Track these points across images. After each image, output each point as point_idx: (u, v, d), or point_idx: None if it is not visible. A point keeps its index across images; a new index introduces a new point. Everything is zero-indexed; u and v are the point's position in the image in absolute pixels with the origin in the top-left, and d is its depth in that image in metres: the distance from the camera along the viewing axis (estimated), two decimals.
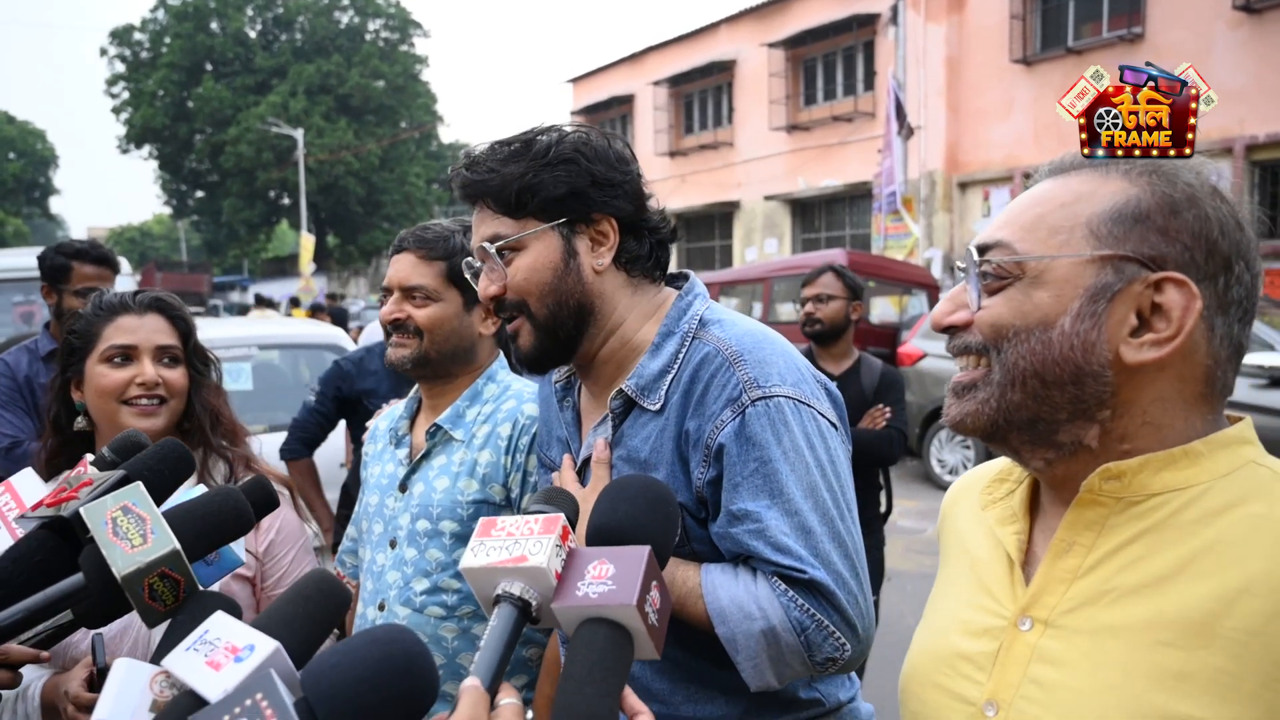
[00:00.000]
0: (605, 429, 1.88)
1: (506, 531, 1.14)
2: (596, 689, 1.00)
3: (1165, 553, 1.12)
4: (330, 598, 1.10)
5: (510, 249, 1.82)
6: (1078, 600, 1.16)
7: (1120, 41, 18.58)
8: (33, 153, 69.89)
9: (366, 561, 2.46)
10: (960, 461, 11.04)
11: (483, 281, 1.87)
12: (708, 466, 1.72)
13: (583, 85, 34.56)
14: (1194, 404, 1.17)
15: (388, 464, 2.50)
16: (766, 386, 1.70)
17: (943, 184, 21.68)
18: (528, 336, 1.85)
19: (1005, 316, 1.19)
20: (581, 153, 1.82)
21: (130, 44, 51.50)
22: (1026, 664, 1.18)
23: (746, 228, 27.80)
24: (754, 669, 1.68)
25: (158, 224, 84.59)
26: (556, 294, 1.82)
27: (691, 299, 1.89)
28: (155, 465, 1.36)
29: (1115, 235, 1.15)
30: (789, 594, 1.65)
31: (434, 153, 55.97)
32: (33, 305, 8.76)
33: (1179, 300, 1.12)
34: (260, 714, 0.84)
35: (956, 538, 1.43)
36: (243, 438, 2.33)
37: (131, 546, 1.13)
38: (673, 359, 1.81)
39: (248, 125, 46.46)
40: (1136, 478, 1.15)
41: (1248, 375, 8.23)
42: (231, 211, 49.76)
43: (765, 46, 25.98)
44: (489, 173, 1.83)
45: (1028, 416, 1.19)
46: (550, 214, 1.81)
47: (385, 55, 51.27)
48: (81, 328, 2.21)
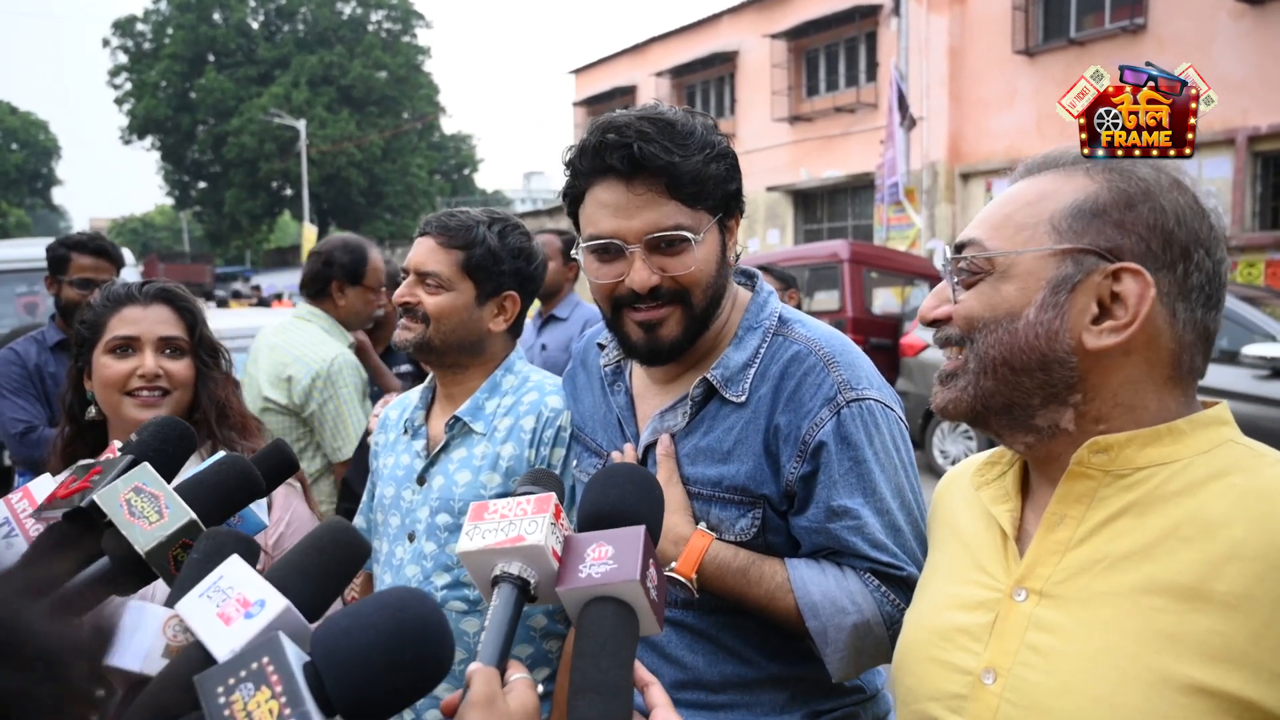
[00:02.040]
0: (676, 416, 1.88)
1: (500, 514, 1.17)
2: (611, 660, 1.04)
3: (1152, 521, 1.18)
4: (346, 549, 1.09)
5: (690, 241, 1.77)
6: (1070, 570, 1.22)
7: (1122, 33, 18.51)
8: (35, 143, 69.79)
9: (384, 555, 2.43)
10: (963, 452, 11.04)
11: (642, 271, 1.77)
12: (801, 462, 1.75)
13: (585, 76, 34.46)
14: (1164, 386, 1.24)
15: (402, 455, 2.46)
16: (860, 389, 1.76)
17: (945, 175, 21.62)
18: (676, 326, 1.82)
19: (977, 309, 1.28)
20: (727, 145, 1.83)
21: (133, 35, 51.43)
22: (1023, 632, 1.23)
23: (749, 218, 27.36)
24: (840, 661, 1.73)
25: (160, 215, 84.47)
26: (715, 287, 1.84)
27: (767, 295, 1.93)
28: (158, 444, 1.39)
29: (1075, 229, 1.23)
30: (882, 589, 1.71)
31: (436, 144, 55.91)
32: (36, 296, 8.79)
33: (1135, 289, 1.19)
34: (266, 679, 0.84)
35: (947, 521, 1.51)
36: (255, 429, 2.30)
37: (149, 523, 1.17)
38: (755, 352, 1.84)
39: (250, 116, 46.41)
40: (1123, 451, 1.22)
41: (1250, 366, 8.22)
42: (234, 202, 49.73)
43: (767, 37, 25.89)
44: (672, 151, 1.73)
45: (1002, 402, 1.28)
46: (718, 207, 1.82)
47: (387, 46, 51.19)
48: (90, 318, 2.21)
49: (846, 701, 1.87)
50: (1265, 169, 16.98)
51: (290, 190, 50.88)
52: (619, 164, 1.73)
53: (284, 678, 0.84)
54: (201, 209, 55.10)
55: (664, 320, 1.81)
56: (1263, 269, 16.17)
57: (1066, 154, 1.31)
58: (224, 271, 48.64)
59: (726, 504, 1.80)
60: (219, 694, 0.84)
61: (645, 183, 1.74)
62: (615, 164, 1.74)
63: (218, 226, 53.30)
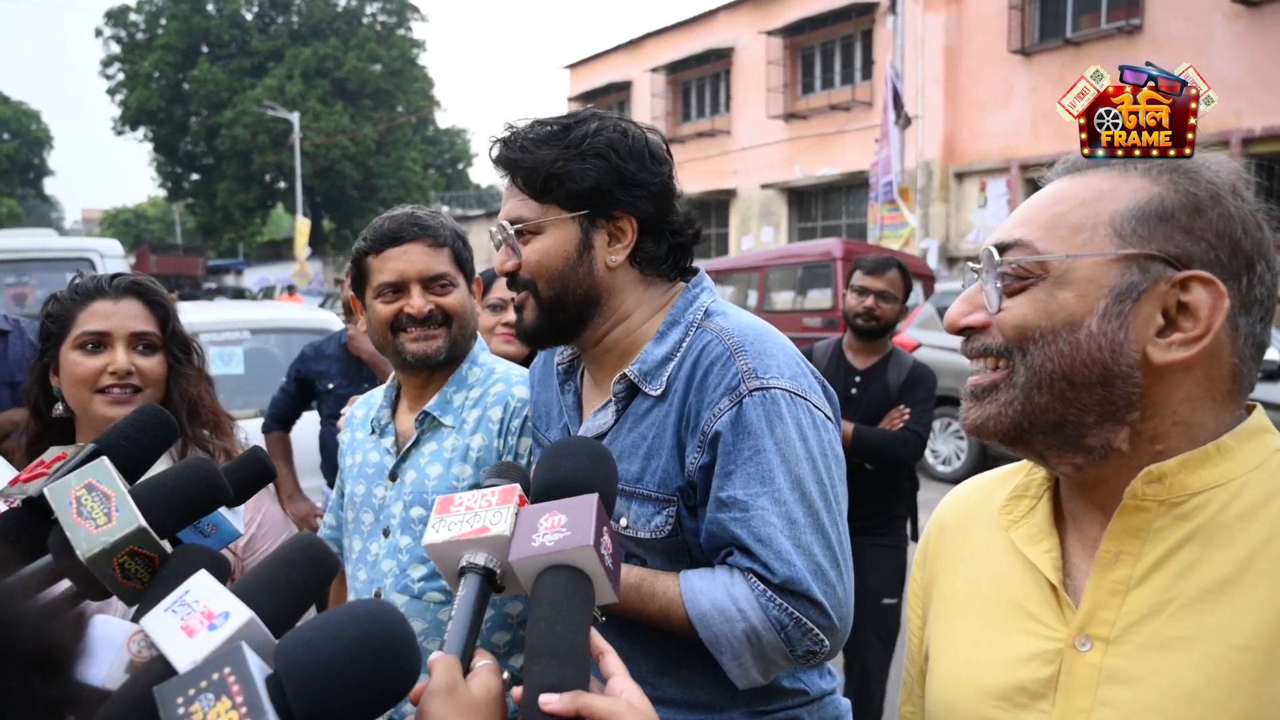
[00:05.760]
0: (607, 414, 1.91)
1: (465, 506, 1.19)
2: (566, 625, 1.04)
3: (1219, 555, 1.09)
4: (316, 564, 1.07)
5: (529, 231, 1.87)
6: (1137, 613, 1.12)
7: (1119, 33, 18.56)
8: (27, 134, 69.56)
9: (357, 551, 2.43)
10: (953, 452, 11.06)
11: (501, 255, 1.92)
12: (701, 452, 1.75)
13: (580, 71, 34.47)
14: (1222, 402, 1.15)
15: (370, 453, 2.46)
16: (764, 378, 1.73)
17: (939, 174, 21.67)
18: (531, 313, 1.90)
19: (1030, 318, 1.16)
20: (615, 149, 1.84)
21: (126, 25, 51.24)
22: (1095, 687, 1.12)
23: (743, 216, 27.78)
24: (739, 668, 1.72)
25: (152, 206, 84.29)
26: (564, 281, 1.86)
27: (699, 290, 1.93)
28: (132, 434, 1.30)
29: (1139, 234, 1.12)
30: (767, 593, 1.68)
31: (430, 137, 55.85)
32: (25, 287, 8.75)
33: (1206, 299, 1.10)
34: (227, 689, 0.83)
35: (968, 562, 1.37)
36: (228, 428, 2.25)
37: (96, 526, 1.08)
38: (676, 346, 1.84)
39: (244, 108, 46.28)
40: (1176, 478, 1.12)
41: None
42: (227, 195, 49.61)
43: (763, 34, 25.92)
44: (522, 151, 1.86)
45: (1054, 420, 1.16)
46: (573, 204, 1.85)
47: (382, 39, 51.08)
48: (58, 312, 2.13)
49: (789, 703, 1.87)
50: (1259, 171, 17.01)
51: (283, 183, 50.78)
52: (493, 161, 1.94)
53: (245, 688, 0.83)
54: (194, 201, 54.99)
55: (523, 305, 1.92)
56: None
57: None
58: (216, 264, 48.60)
59: (644, 500, 1.81)
60: (178, 704, 0.82)
61: (511, 178, 1.91)
62: (492, 161, 1.94)
63: (210, 219, 53.20)
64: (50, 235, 11.01)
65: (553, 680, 0.98)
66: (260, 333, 7.17)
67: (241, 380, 6.58)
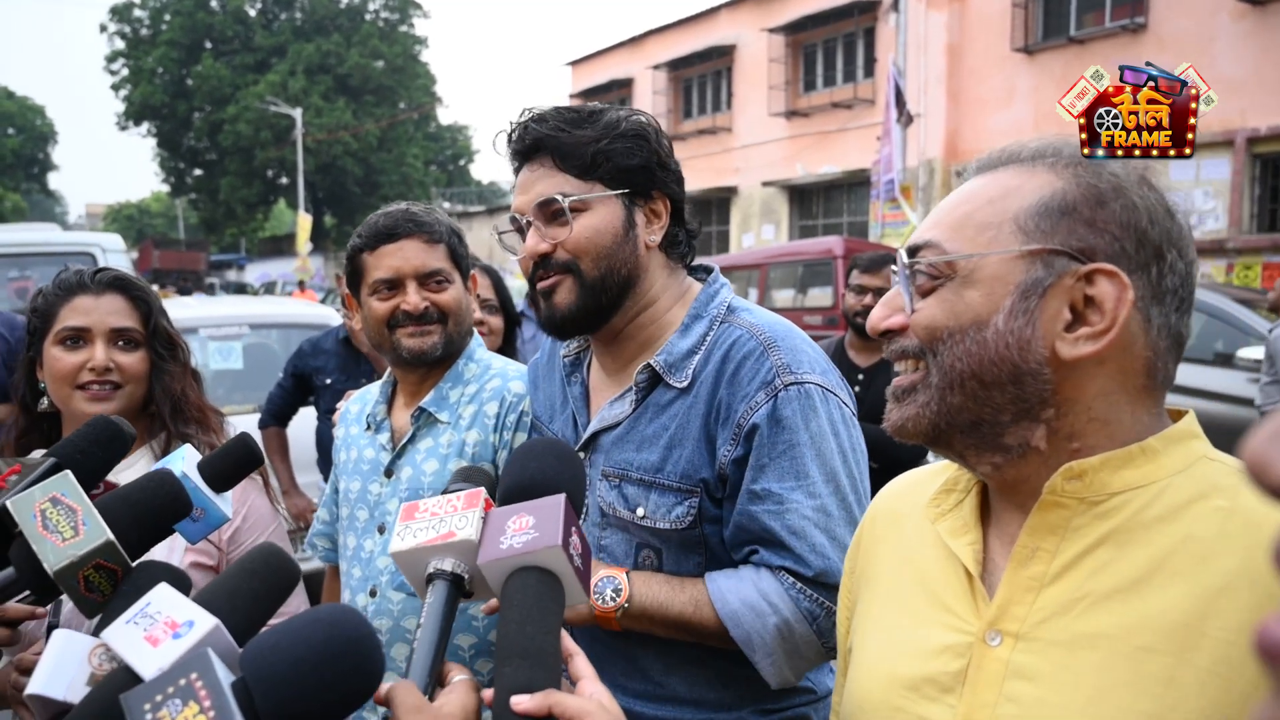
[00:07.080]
0: (624, 403, 1.90)
1: (430, 512, 1.18)
2: (537, 626, 1.03)
3: (1134, 554, 1.08)
4: (278, 573, 1.08)
5: (575, 208, 1.84)
6: (1048, 610, 1.11)
7: (1123, 32, 18.51)
8: (31, 128, 69.61)
9: (352, 548, 2.42)
10: None
11: (533, 238, 1.86)
12: (735, 445, 1.76)
13: (581, 68, 34.44)
14: (1138, 397, 1.14)
15: (365, 449, 2.44)
16: (799, 373, 1.75)
17: (941, 172, 21.63)
18: (568, 294, 1.86)
19: (939, 318, 1.16)
20: (651, 130, 1.89)
21: (130, 21, 51.33)
22: (1000, 681, 1.11)
23: (744, 213, 27.76)
24: (772, 665, 1.73)
25: (155, 201, 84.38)
26: (611, 259, 1.86)
27: (719, 286, 1.96)
28: (86, 447, 1.30)
29: (1043, 229, 1.12)
30: (797, 586, 1.70)
31: (432, 134, 55.86)
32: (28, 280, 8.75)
33: (1111, 291, 1.09)
34: (194, 694, 0.83)
35: (895, 552, 1.35)
36: (216, 423, 2.22)
37: (63, 540, 1.08)
38: (701, 339, 1.85)
39: (246, 104, 46.34)
40: (1097, 476, 1.11)
41: (1245, 369, 8.22)
42: (229, 190, 49.70)
43: (765, 31, 25.89)
44: (560, 130, 1.85)
45: (969, 419, 1.16)
46: (618, 182, 1.86)
47: (385, 35, 51.11)
48: (41, 307, 2.12)
49: (796, 701, 1.87)
50: (1264, 171, 16.99)
51: (285, 179, 50.79)
52: (518, 144, 1.90)
53: (212, 693, 0.83)
54: (197, 196, 55.05)
55: (556, 288, 1.87)
56: (1259, 271, 16.16)
57: (1024, 148, 1.21)
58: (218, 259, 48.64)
59: (665, 490, 1.81)
60: (145, 711, 0.82)
61: (540, 160, 1.88)
62: (516, 145, 1.90)
63: (213, 214, 53.25)
64: (53, 230, 11.01)
65: (523, 681, 0.98)
66: (259, 328, 7.17)
67: (241, 375, 6.58)
